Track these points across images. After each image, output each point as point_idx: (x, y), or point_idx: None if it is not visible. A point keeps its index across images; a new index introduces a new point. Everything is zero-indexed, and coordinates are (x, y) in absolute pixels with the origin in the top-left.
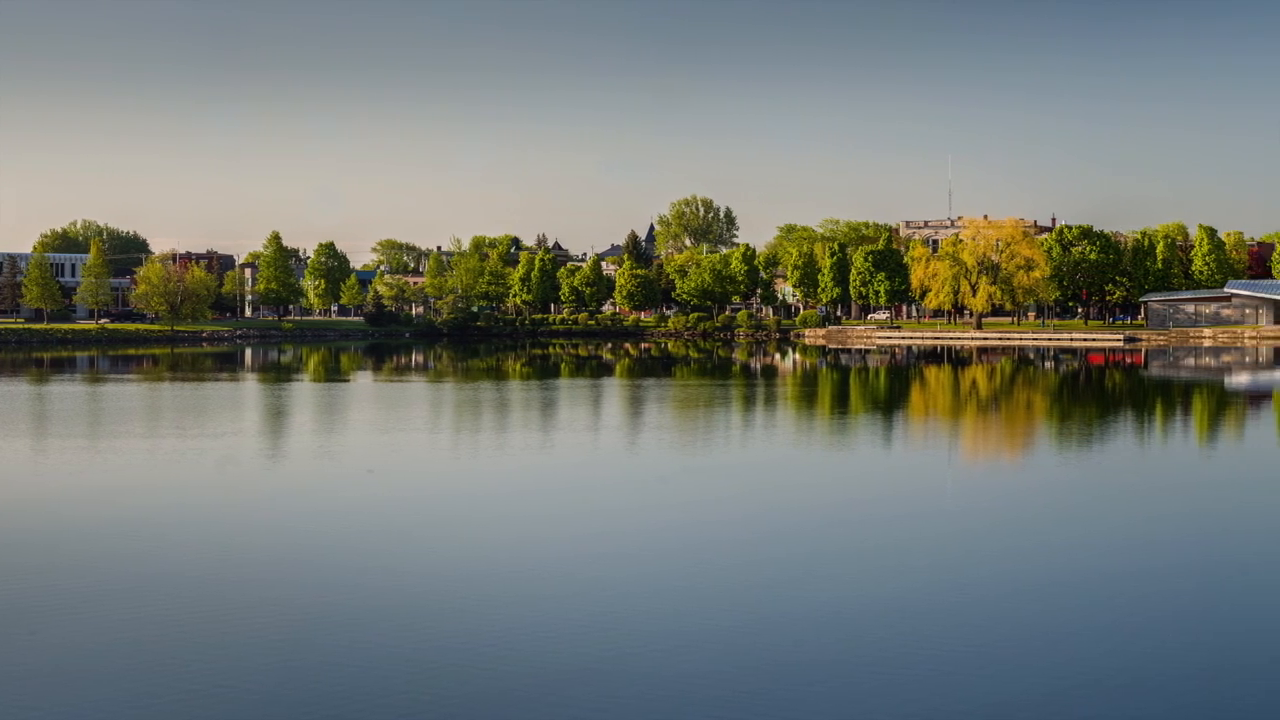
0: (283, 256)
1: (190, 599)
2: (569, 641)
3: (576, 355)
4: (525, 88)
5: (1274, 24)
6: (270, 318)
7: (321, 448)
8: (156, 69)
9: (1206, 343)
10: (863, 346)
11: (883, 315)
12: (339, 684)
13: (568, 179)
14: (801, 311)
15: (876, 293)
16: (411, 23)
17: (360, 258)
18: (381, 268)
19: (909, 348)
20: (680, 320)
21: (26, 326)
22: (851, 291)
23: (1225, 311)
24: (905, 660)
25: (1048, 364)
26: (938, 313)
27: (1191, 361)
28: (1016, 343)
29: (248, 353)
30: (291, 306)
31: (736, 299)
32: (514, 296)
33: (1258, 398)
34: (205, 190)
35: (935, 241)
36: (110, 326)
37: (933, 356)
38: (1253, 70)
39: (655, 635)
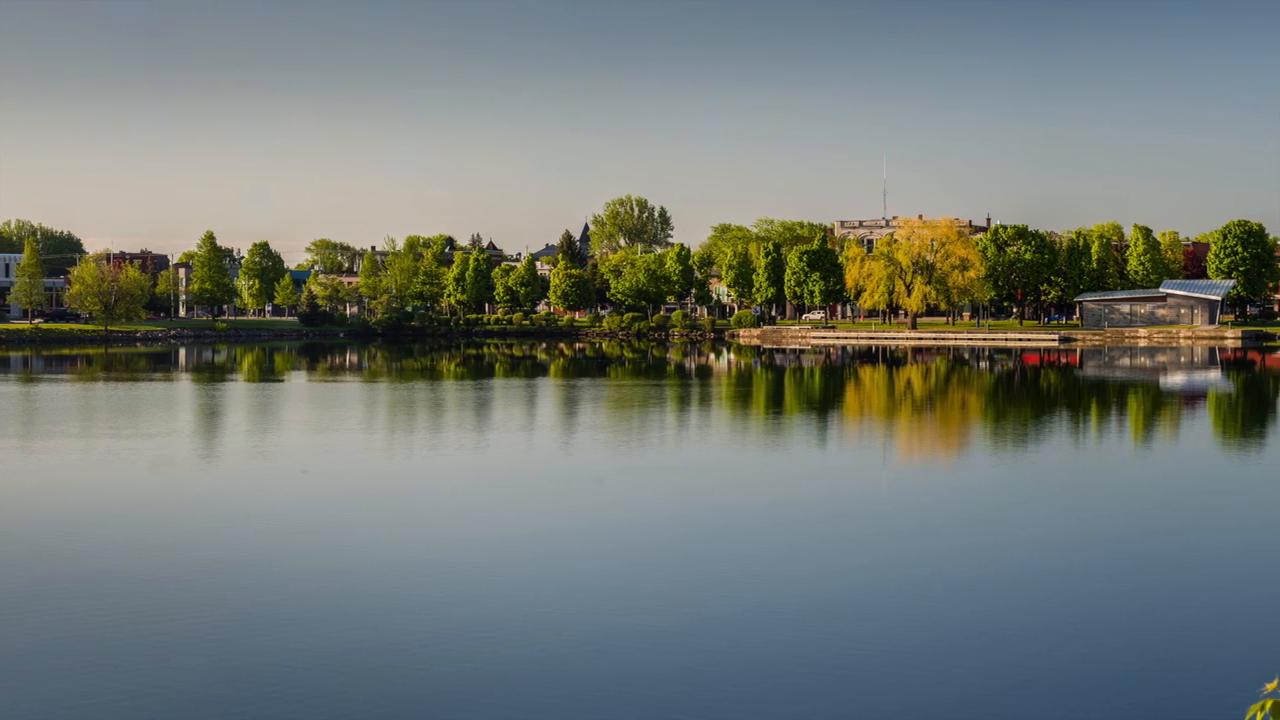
0: (217, 256)
1: (125, 599)
2: (503, 641)
3: (511, 355)
4: (459, 87)
5: (1208, 24)
6: (204, 318)
7: (256, 448)
8: (89, 68)
9: (1142, 343)
10: (797, 346)
11: (817, 315)
12: (273, 684)
13: (502, 179)
14: (736, 311)
15: (811, 293)
16: (344, 23)
17: (294, 258)
18: (315, 268)
19: (844, 348)
20: (615, 320)
21: None
22: (786, 291)
23: (1160, 311)
24: (840, 661)
25: (983, 364)
26: (872, 313)
27: (1126, 362)
28: (951, 343)
29: (182, 353)
30: (226, 306)
31: (671, 299)
32: (448, 296)
33: (1192, 398)
34: (139, 190)
35: (870, 241)
36: (44, 326)
37: (867, 356)
38: (1187, 71)
39: (589, 635)
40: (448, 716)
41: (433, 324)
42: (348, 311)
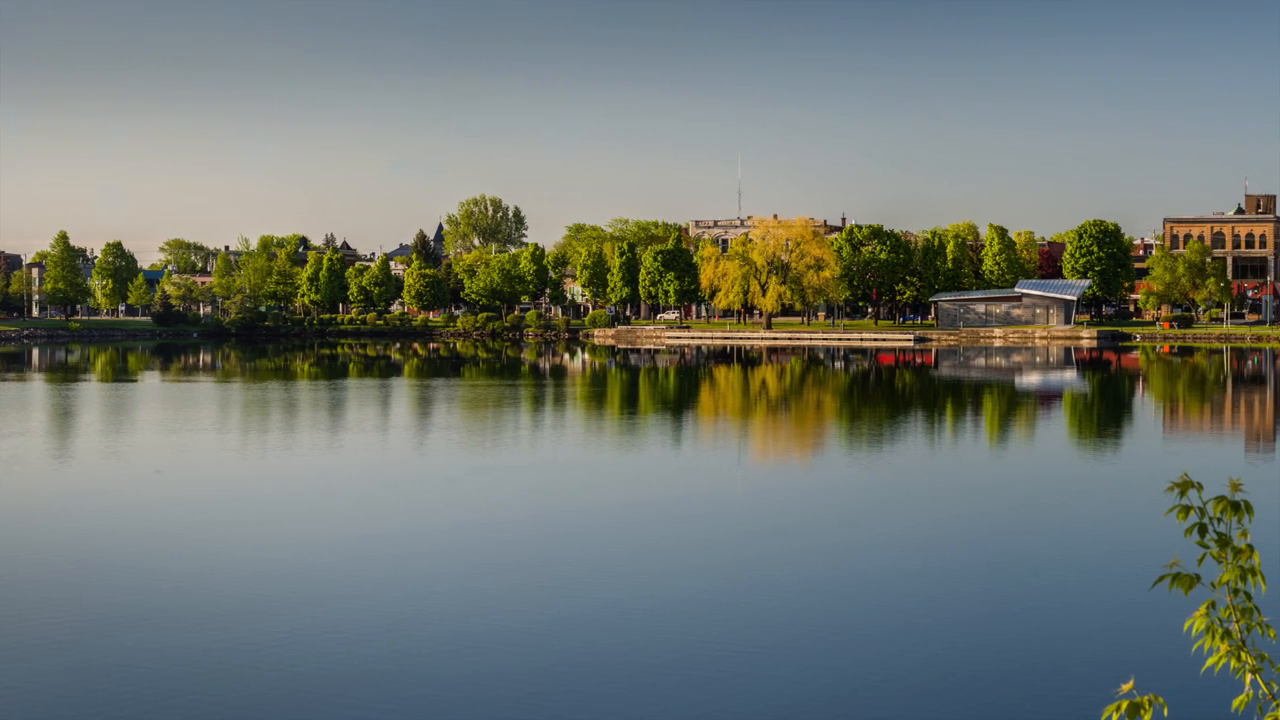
0: (70, 256)
1: None
2: (356, 642)
3: (365, 355)
4: (312, 86)
5: (1061, 25)
6: (58, 318)
7: (109, 448)
8: None
9: (997, 343)
10: (652, 346)
11: (672, 315)
12: (127, 684)
13: (356, 178)
14: (591, 311)
15: (666, 292)
16: (196, 20)
17: (148, 257)
18: (169, 267)
19: (699, 348)
20: (469, 320)
21: None
22: (641, 291)
23: (1016, 311)
24: (695, 661)
25: (838, 364)
26: (728, 313)
27: (982, 362)
28: (807, 343)
29: (35, 353)
30: (79, 306)
31: (525, 299)
32: (302, 296)
33: (1048, 398)
34: None
35: (725, 241)
36: None
37: (722, 357)
38: (1042, 71)
39: (443, 636)
40: (302, 717)
41: (287, 324)
42: (201, 311)
